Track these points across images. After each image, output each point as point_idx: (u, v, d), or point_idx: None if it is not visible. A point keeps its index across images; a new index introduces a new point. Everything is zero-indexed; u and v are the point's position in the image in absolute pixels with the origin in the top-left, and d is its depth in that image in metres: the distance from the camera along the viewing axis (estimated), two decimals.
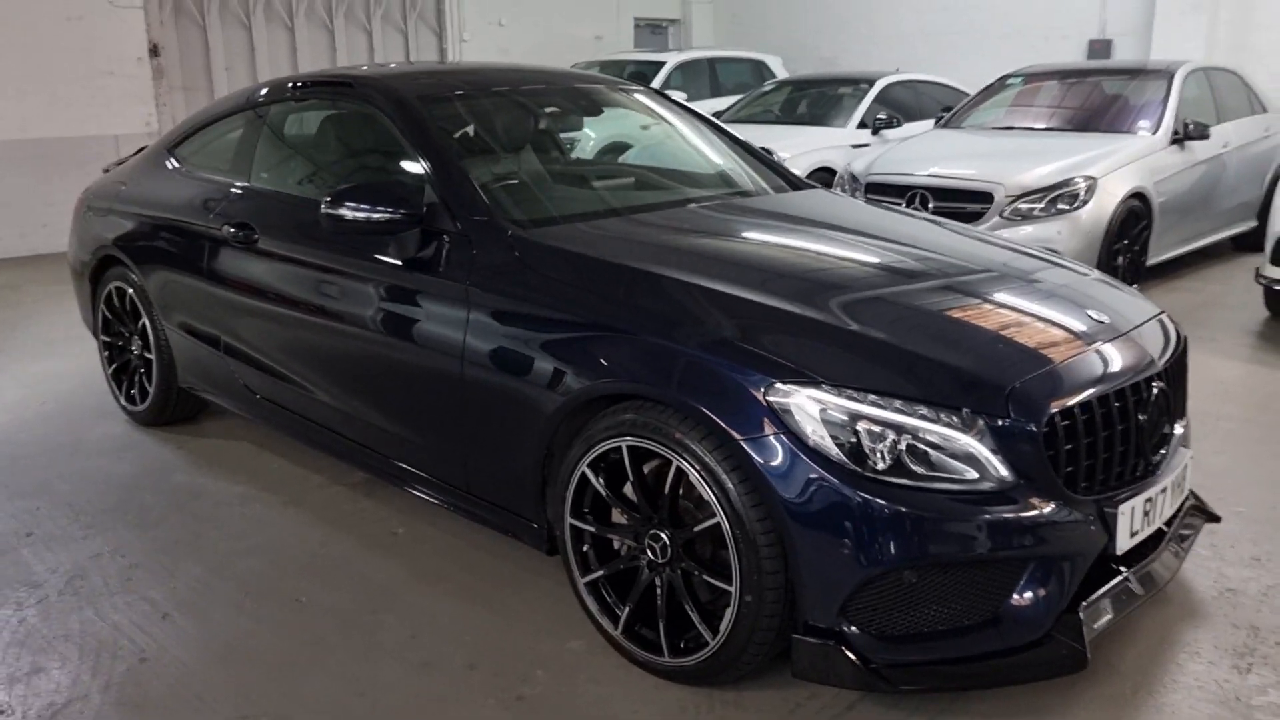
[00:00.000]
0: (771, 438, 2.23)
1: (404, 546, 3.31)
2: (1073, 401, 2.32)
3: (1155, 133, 6.88)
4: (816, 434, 2.21)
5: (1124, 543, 2.39)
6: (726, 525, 2.29)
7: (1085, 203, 6.17)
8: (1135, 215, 6.49)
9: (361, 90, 3.52)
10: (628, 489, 2.57)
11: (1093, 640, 2.31)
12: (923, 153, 7.07)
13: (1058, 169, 6.31)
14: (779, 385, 2.25)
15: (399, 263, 3.05)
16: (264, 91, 3.98)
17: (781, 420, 2.23)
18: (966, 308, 2.59)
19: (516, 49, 12.11)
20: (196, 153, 4.25)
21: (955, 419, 2.23)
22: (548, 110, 3.84)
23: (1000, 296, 2.69)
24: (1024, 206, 6.23)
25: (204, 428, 4.45)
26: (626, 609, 2.57)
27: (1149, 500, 2.47)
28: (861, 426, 2.21)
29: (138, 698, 2.53)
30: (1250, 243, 7.78)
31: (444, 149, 3.17)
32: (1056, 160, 6.42)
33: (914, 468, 2.20)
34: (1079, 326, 2.58)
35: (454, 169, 3.10)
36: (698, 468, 2.32)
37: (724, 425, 2.27)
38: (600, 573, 2.63)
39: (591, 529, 2.63)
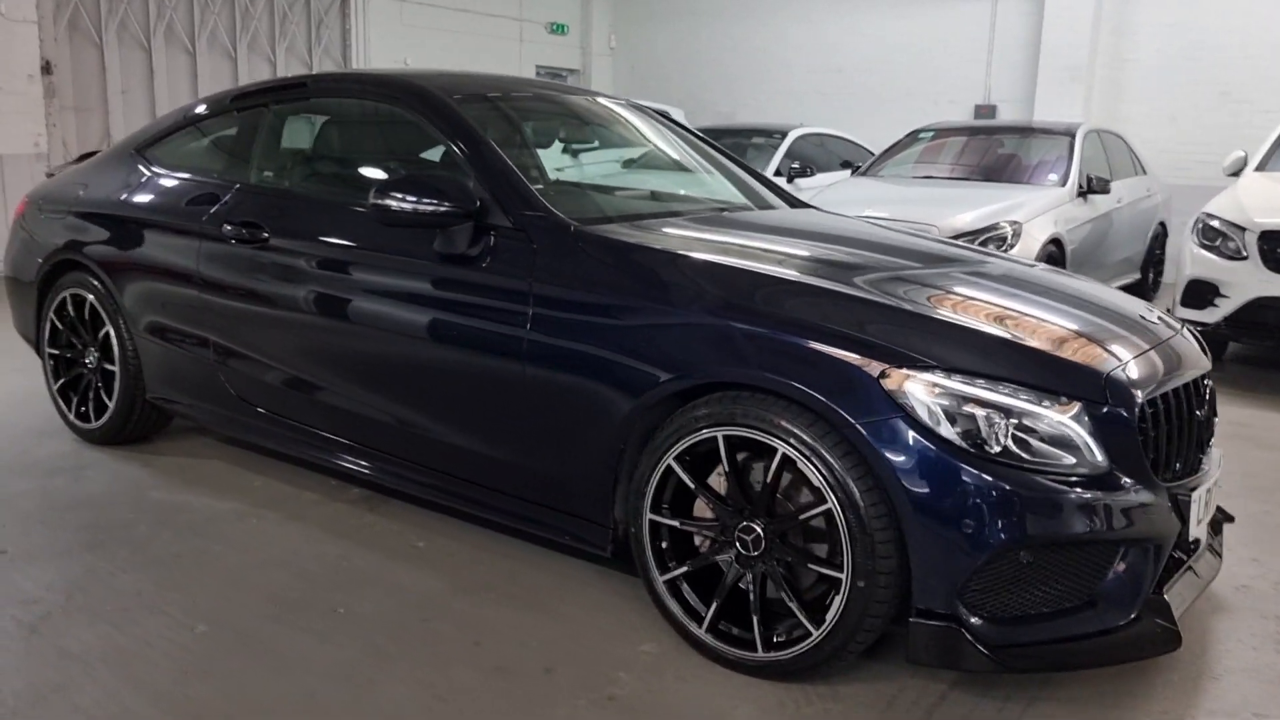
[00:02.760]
0: (889, 421, 2.26)
1: (431, 558, 3.16)
2: (1155, 392, 2.45)
3: (1064, 185, 7.36)
4: (933, 417, 2.25)
5: (1194, 529, 2.51)
6: (839, 511, 2.30)
7: (1013, 246, 6.52)
8: (1053, 260, 6.89)
9: (388, 90, 3.42)
10: (715, 481, 2.54)
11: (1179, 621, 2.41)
12: (853, 196, 7.34)
13: (986, 213, 6.66)
14: (894, 370, 2.29)
15: (447, 259, 2.96)
16: (262, 91, 3.82)
17: (898, 404, 2.26)
18: (1039, 305, 2.70)
19: None
20: (174, 153, 4.02)
21: (1057, 404, 2.31)
22: (569, 118, 3.82)
23: (1063, 297, 2.82)
24: None
25: (162, 446, 4.16)
26: (713, 606, 2.52)
27: (1208, 490, 2.60)
28: (973, 410, 2.27)
29: (196, 712, 2.32)
30: (1135, 293, 8.36)
31: (489, 146, 3.11)
32: (983, 206, 6.77)
33: (1022, 452, 2.26)
34: (1144, 326, 2.73)
35: (502, 165, 3.05)
36: (807, 454, 2.32)
37: (839, 410, 2.29)
38: (682, 569, 2.58)
39: (674, 524, 2.58)
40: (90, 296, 4.02)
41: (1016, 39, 11.29)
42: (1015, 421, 2.27)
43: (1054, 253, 6.90)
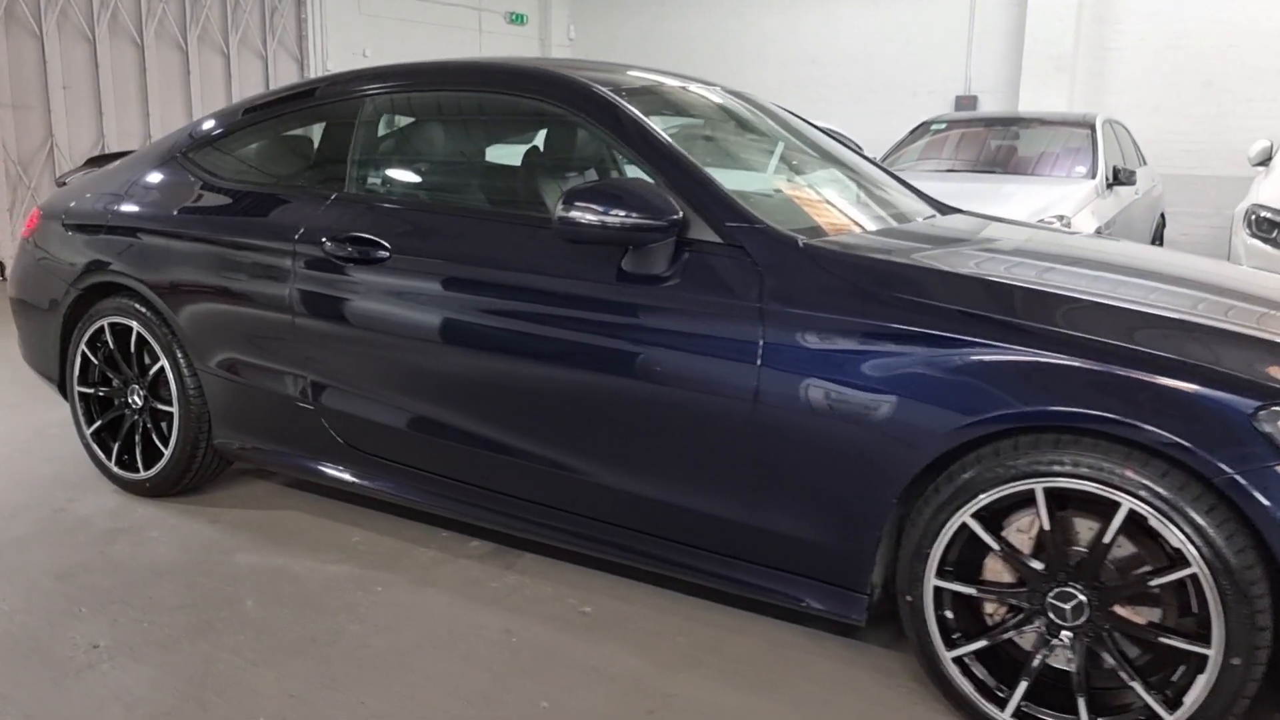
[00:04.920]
0: (1271, 469, 1.90)
1: (609, 627, 2.71)
2: None
3: (1093, 177, 7.17)
4: None
5: None
6: (1208, 576, 1.94)
7: None
8: None
9: (537, 84, 2.93)
10: (1017, 540, 2.16)
11: None
12: None
13: (1035, 209, 6.41)
14: (1273, 407, 1.93)
15: (636, 279, 2.51)
16: (355, 82, 3.27)
17: (1278, 447, 1.91)
18: None
19: None
20: (233, 158, 3.46)
21: None
22: (719, 115, 3.37)
23: None
24: None
25: (219, 496, 3.60)
26: (1020, 686, 2.14)
27: None
28: None
29: None
30: None
31: (677, 150, 2.66)
32: (1026, 200, 6.52)
33: None
34: None
35: (698, 171, 2.60)
36: (1163, 509, 1.95)
37: (1206, 457, 1.92)
38: (978, 644, 2.19)
39: (968, 590, 2.19)
40: (137, 325, 3.44)
41: (998, 28, 11.16)
42: None
43: None
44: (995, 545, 2.14)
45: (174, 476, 3.47)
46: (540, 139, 3.21)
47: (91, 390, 3.62)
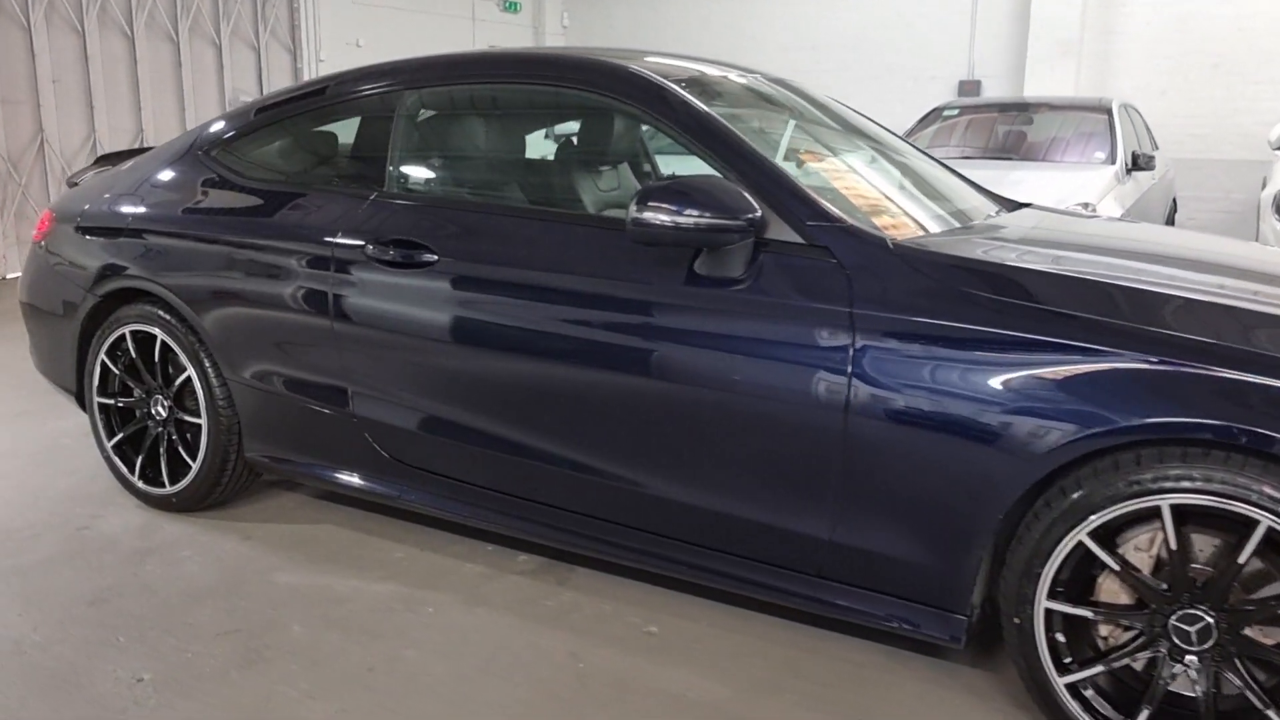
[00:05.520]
0: None
1: (679, 649, 2.57)
2: None
3: (1114, 163, 7.06)
4: None
5: None
6: None
7: None
8: None
9: (590, 76, 2.76)
10: (1137, 560, 2.03)
11: None
12: None
13: (1056, 196, 6.28)
14: None
15: (708, 283, 2.37)
16: (391, 75, 3.11)
17: None
18: None
19: None
20: (258, 156, 3.29)
21: None
22: (777, 106, 3.20)
23: None
24: None
25: (246, 511, 3.44)
26: (1143, 715, 2.01)
27: None
28: None
29: None
30: None
31: (749, 145, 2.50)
32: (1048, 188, 6.40)
33: None
34: None
35: (773, 167, 2.45)
36: None
37: None
38: (1094, 670, 2.06)
39: (1085, 613, 2.06)
40: (161, 334, 3.27)
41: (1001, 11, 11.03)
42: None
43: None
44: (1115, 565, 2.01)
45: (202, 491, 3.31)
46: (594, 133, 3.05)
47: (112, 401, 3.45)
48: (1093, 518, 2.00)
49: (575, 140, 3.15)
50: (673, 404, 2.43)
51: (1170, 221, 8.96)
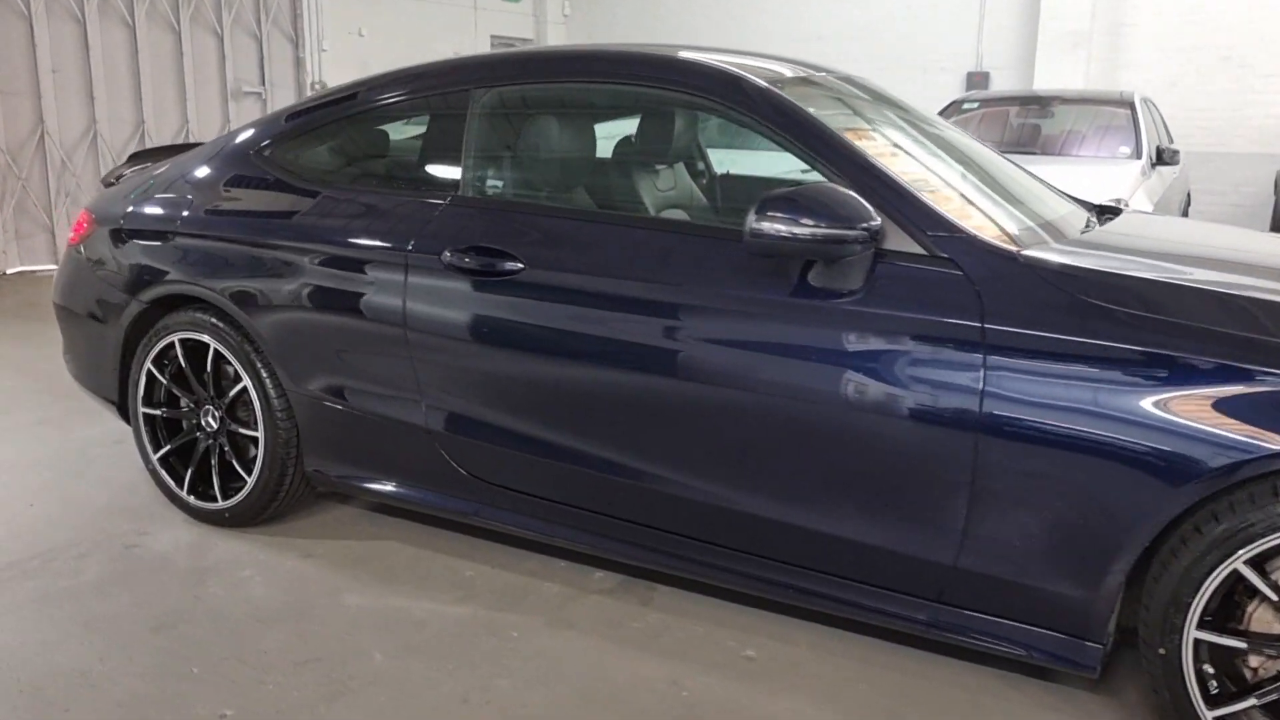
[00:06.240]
0: None
1: (780, 674, 2.47)
2: None
3: (1139, 157, 6.99)
4: None
5: None
6: None
7: None
8: None
9: (678, 76, 2.65)
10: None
11: None
12: None
13: (1084, 191, 6.19)
14: None
15: (822, 295, 2.26)
16: (460, 72, 2.97)
17: None
18: None
19: (376, 61, 10.91)
20: (317, 156, 3.16)
21: None
22: (881, 111, 3.07)
23: None
24: None
25: (302, 526, 3.30)
26: None
27: None
28: None
29: None
30: None
31: (863, 152, 2.39)
32: (1075, 183, 6.30)
33: None
34: None
35: (888, 175, 2.34)
36: None
37: None
38: (1248, 703, 1.97)
39: (1238, 644, 1.97)
40: (213, 342, 3.13)
41: (1010, 2, 10.94)
42: None
43: None
44: (1274, 595, 1.92)
45: (258, 506, 3.18)
46: (688, 137, 2.93)
47: (158, 412, 3.31)
48: (1250, 545, 1.91)
49: (668, 146, 3.02)
50: (780, 421, 2.32)
51: (1184, 215, 8.92)
